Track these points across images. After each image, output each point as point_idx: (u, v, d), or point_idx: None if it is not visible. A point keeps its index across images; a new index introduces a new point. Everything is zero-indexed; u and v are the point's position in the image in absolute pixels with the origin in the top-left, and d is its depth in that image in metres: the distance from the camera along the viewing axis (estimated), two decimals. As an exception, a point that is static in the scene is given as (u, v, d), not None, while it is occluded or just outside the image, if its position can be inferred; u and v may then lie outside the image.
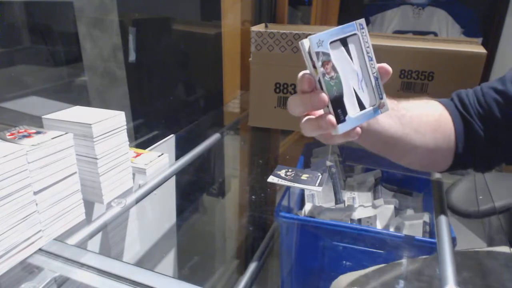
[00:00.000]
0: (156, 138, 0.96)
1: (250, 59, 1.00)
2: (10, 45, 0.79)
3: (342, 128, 0.40)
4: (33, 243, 0.54)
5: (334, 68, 0.39)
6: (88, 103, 0.95)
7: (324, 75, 0.38)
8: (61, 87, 0.91)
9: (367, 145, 0.50)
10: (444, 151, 0.52)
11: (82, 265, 0.52)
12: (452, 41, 1.14)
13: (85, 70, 0.95)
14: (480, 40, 2.00)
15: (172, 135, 0.99)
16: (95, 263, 0.52)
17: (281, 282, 0.94)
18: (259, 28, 0.97)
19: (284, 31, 0.89)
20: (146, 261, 0.90)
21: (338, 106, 0.39)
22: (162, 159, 0.78)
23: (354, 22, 0.40)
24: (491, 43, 2.13)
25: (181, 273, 1.13)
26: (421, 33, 2.14)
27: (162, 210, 0.99)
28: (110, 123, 0.64)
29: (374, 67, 0.42)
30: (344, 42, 0.40)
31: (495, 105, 0.51)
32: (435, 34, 2.18)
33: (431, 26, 2.20)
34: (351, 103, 0.41)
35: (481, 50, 1.02)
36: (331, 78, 0.39)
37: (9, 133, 0.55)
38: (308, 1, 1.95)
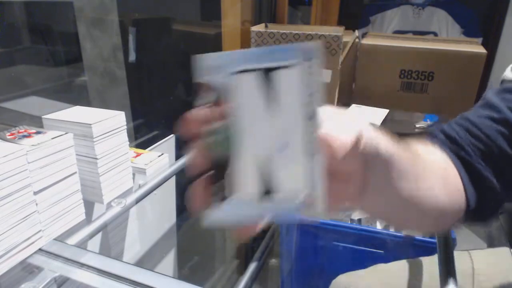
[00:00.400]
0: (156, 138, 0.96)
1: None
2: (10, 45, 0.79)
3: (215, 216, 0.24)
4: (33, 243, 0.54)
5: (232, 113, 0.24)
6: (88, 103, 0.95)
7: (208, 121, 0.24)
8: (61, 87, 0.91)
9: (370, 209, 0.35)
10: (454, 211, 0.40)
11: (82, 265, 0.52)
12: (452, 41, 1.14)
13: (85, 70, 0.95)
14: (480, 40, 2.00)
15: (172, 135, 0.99)
16: (95, 263, 0.52)
17: (281, 282, 0.94)
18: (259, 28, 0.97)
19: (284, 31, 0.90)
20: (146, 261, 0.90)
21: (219, 177, 0.24)
22: (162, 159, 0.78)
23: (296, 45, 0.23)
24: (491, 43, 2.14)
25: (181, 273, 1.13)
26: (421, 33, 2.14)
27: (162, 210, 0.99)
28: (110, 123, 0.64)
29: (313, 132, 0.24)
30: (269, 75, 0.23)
31: (501, 137, 0.41)
32: (435, 34, 2.18)
33: (431, 26, 2.20)
34: (249, 179, 0.24)
35: (481, 50, 1.02)
36: (221, 128, 0.24)
37: (9, 133, 0.55)
38: (308, 1, 1.95)
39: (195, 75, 0.24)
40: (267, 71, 0.23)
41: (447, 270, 0.52)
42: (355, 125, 0.25)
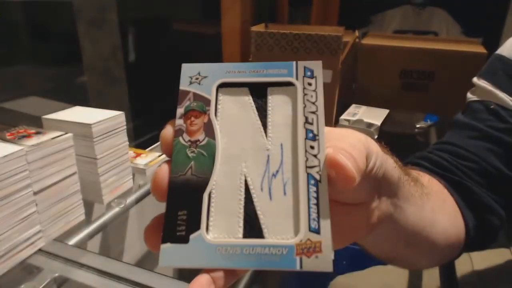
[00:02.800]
0: (156, 138, 0.96)
1: (250, 59, 1.00)
2: (9, 44, 0.79)
3: (173, 254, 0.19)
4: (33, 243, 0.54)
5: (209, 129, 0.20)
6: (87, 103, 0.95)
7: (181, 133, 0.20)
8: (60, 87, 0.91)
9: (376, 243, 0.31)
10: (456, 238, 0.38)
11: (82, 266, 0.52)
12: (452, 41, 1.14)
13: (85, 70, 0.95)
14: (480, 39, 2.00)
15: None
16: (95, 263, 0.52)
17: (281, 282, 0.94)
18: (259, 28, 0.97)
19: (284, 31, 0.89)
20: (146, 262, 0.90)
21: (183, 204, 0.20)
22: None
23: (293, 62, 0.21)
24: (492, 42, 2.13)
25: (181, 273, 1.13)
26: (421, 33, 2.13)
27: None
28: (110, 123, 0.64)
29: (317, 155, 0.19)
30: (260, 92, 0.21)
31: (488, 153, 0.40)
32: (436, 34, 2.18)
33: (432, 26, 2.19)
34: (226, 213, 0.19)
35: (482, 49, 1.02)
36: (194, 143, 0.20)
37: (8, 133, 0.55)
38: (310, 2, 1.94)
39: (180, 82, 0.21)
40: (261, 86, 0.21)
41: (447, 271, 0.52)
42: (362, 142, 0.21)
